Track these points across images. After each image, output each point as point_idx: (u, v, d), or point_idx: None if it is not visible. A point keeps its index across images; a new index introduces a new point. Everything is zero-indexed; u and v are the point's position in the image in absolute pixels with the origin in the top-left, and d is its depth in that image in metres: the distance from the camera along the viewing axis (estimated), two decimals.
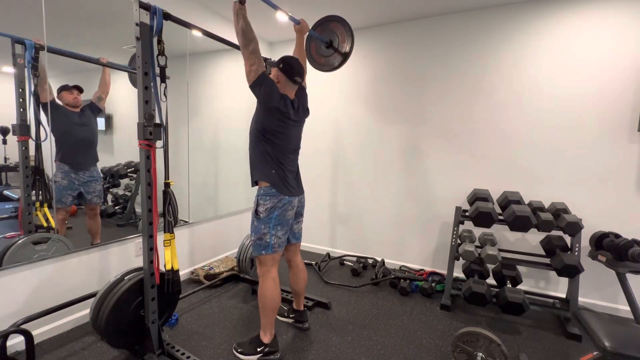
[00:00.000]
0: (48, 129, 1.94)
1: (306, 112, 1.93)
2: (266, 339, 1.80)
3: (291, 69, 1.77)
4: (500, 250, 2.41)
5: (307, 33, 2.08)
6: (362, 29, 3.17)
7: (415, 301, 2.56)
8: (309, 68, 2.21)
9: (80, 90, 2.19)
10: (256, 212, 1.76)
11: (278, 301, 1.81)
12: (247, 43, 1.61)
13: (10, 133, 1.90)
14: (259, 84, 1.64)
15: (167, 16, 1.62)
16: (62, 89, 2.11)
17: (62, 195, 2.14)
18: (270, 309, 1.78)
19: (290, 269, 2.07)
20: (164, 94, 1.69)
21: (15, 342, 1.76)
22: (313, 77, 3.45)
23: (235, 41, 2.26)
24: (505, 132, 2.68)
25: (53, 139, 1.99)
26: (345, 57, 2.25)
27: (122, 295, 1.62)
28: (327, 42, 2.26)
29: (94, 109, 2.29)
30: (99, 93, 2.31)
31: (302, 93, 1.92)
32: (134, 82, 2.43)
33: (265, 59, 2.47)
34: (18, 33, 1.80)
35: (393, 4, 2.68)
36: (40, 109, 1.92)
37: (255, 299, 1.84)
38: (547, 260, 2.33)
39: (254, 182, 1.82)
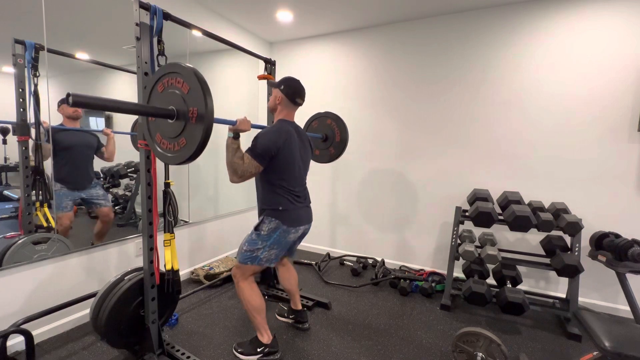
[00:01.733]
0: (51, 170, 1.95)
1: (310, 148, 1.92)
2: (264, 339, 1.80)
3: (292, 90, 1.75)
4: (500, 250, 2.41)
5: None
6: (362, 29, 3.17)
7: (415, 301, 2.56)
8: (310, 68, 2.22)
9: None
10: (257, 228, 1.72)
11: (259, 301, 1.78)
12: (236, 176, 1.59)
13: (10, 133, 1.90)
14: (267, 161, 1.62)
15: (167, 16, 1.62)
16: (63, 101, 2.10)
17: (66, 204, 2.14)
18: (254, 309, 1.76)
19: (279, 269, 2.09)
20: None
21: (15, 342, 1.76)
22: (313, 77, 3.46)
23: (235, 41, 2.28)
24: (505, 132, 2.68)
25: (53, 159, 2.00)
26: (338, 154, 2.49)
27: (122, 295, 1.62)
28: (323, 137, 2.48)
29: (98, 145, 2.31)
30: (104, 157, 2.33)
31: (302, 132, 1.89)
32: (134, 144, 2.46)
33: (267, 60, 2.48)
34: (18, 33, 1.80)
35: (393, 4, 2.68)
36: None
37: None
38: (547, 260, 2.34)
39: (261, 214, 1.76)
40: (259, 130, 1.78)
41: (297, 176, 1.77)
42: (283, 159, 1.67)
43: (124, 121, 2.47)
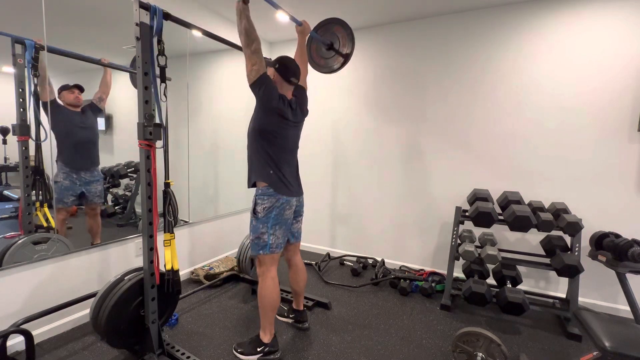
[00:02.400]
0: (48, 128, 1.94)
1: (305, 112, 1.93)
2: (266, 338, 1.80)
3: (286, 69, 1.77)
4: (500, 250, 2.41)
5: (309, 34, 2.08)
6: (363, 29, 3.17)
7: (415, 301, 2.56)
8: (310, 69, 2.22)
9: (81, 89, 2.19)
10: (254, 212, 1.76)
11: (277, 300, 1.81)
12: (250, 42, 1.61)
13: (10, 133, 1.90)
14: (260, 84, 1.65)
15: (167, 16, 1.62)
16: (63, 88, 2.11)
17: (64, 196, 2.14)
18: (270, 308, 1.78)
19: (290, 269, 2.07)
20: (164, 94, 1.69)
21: (15, 342, 1.76)
22: (313, 77, 3.45)
23: (235, 41, 2.28)
24: (505, 132, 2.68)
25: (54, 139, 1.99)
26: (345, 59, 2.26)
27: (122, 295, 1.62)
28: (329, 44, 2.27)
29: (95, 109, 2.29)
30: (100, 93, 2.31)
31: (302, 94, 1.92)
32: (135, 82, 2.43)
33: (265, 59, 2.47)
34: (18, 33, 1.81)
35: (393, 4, 2.68)
36: (41, 109, 1.92)
37: (255, 299, 1.84)
38: (547, 260, 2.33)
39: (252, 184, 1.82)
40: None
41: (287, 149, 1.81)
42: (274, 123, 1.71)
43: (124, 121, 2.47)
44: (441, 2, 2.61)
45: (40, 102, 1.91)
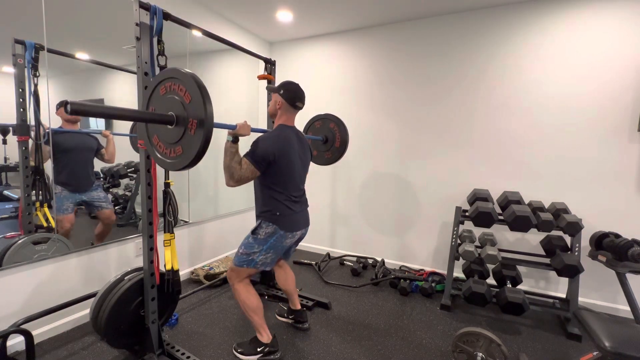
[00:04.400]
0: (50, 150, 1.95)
1: (309, 151, 1.92)
2: (264, 339, 1.80)
3: (292, 94, 1.75)
4: (500, 250, 2.41)
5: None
6: (362, 29, 3.17)
7: (415, 301, 2.56)
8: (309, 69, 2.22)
9: None
10: (255, 232, 1.73)
11: (256, 302, 1.78)
12: (230, 177, 1.58)
13: (10, 133, 1.90)
14: (265, 166, 1.62)
15: (167, 16, 1.62)
16: (61, 104, 2.10)
17: (67, 206, 2.14)
18: (251, 310, 1.76)
19: (277, 270, 2.09)
20: None
21: (15, 342, 1.76)
22: (313, 76, 3.46)
23: (236, 41, 2.28)
24: (505, 132, 2.68)
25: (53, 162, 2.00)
26: (332, 157, 2.52)
27: (122, 295, 1.62)
28: (323, 139, 2.50)
29: (98, 147, 2.31)
30: (105, 158, 2.33)
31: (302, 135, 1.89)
32: (134, 146, 2.48)
33: (266, 60, 2.48)
34: (18, 33, 1.80)
35: (392, 4, 2.68)
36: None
37: None
38: (547, 260, 2.33)
39: (259, 217, 1.77)
40: (259, 134, 1.77)
41: (295, 182, 1.77)
42: (281, 165, 1.67)
43: (124, 122, 2.46)
44: (441, 2, 2.61)
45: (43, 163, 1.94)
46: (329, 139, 2.49)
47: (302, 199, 1.85)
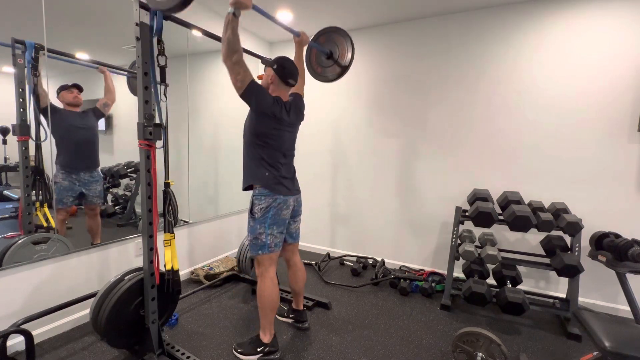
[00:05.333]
0: (48, 131, 1.94)
1: (301, 117, 1.92)
2: (266, 338, 1.80)
3: (285, 70, 1.77)
4: (500, 250, 2.41)
5: (307, 45, 2.06)
6: (362, 29, 3.17)
7: (415, 301, 2.56)
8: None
9: (80, 89, 2.19)
10: (251, 212, 1.77)
11: (277, 300, 1.82)
12: (231, 54, 1.55)
13: (10, 133, 1.90)
14: (249, 93, 1.63)
15: (167, 16, 1.62)
16: (62, 88, 2.11)
17: (63, 196, 2.14)
18: (269, 308, 1.78)
19: (289, 269, 2.08)
20: (164, 94, 1.69)
21: (15, 342, 1.76)
22: (313, 78, 3.45)
23: None
24: (505, 132, 2.68)
25: (53, 141, 1.99)
26: (342, 70, 2.29)
27: (122, 295, 1.62)
28: (328, 53, 2.29)
29: (98, 113, 2.29)
30: (105, 100, 2.30)
31: (298, 99, 1.92)
32: (132, 89, 2.44)
33: (263, 58, 2.47)
34: (18, 33, 1.80)
35: (393, 4, 2.68)
36: (40, 114, 1.91)
37: (255, 299, 1.84)
38: (547, 260, 2.33)
39: (246, 187, 1.82)
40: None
41: (282, 147, 1.81)
42: (267, 126, 1.70)
43: (125, 121, 2.47)
44: (441, 2, 2.61)
45: (40, 107, 1.91)
46: (334, 52, 2.31)
47: (290, 168, 1.89)
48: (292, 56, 1.99)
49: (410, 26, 2.97)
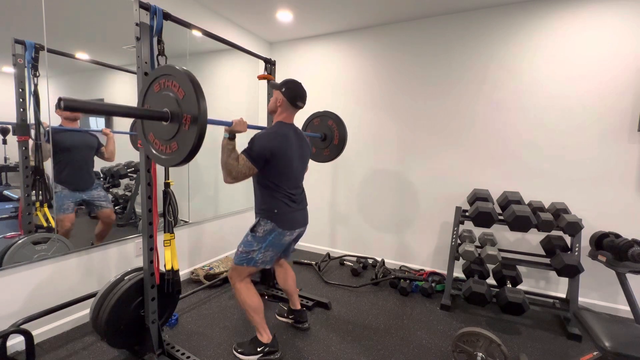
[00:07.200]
0: (50, 150, 1.95)
1: (309, 149, 1.92)
2: (264, 339, 1.80)
3: (293, 93, 1.74)
4: (500, 250, 2.41)
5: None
6: (363, 29, 3.17)
7: (415, 301, 2.56)
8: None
9: None
10: (253, 230, 1.73)
11: (257, 302, 1.79)
12: (228, 174, 1.58)
13: (10, 133, 1.90)
14: (262, 162, 1.62)
15: (167, 16, 1.62)
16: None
17: (67, 205, 2.14)
18: (252, 309, 1.77)
19: (276, 269, 2.09)
20: None
21: (15, 342, 1.76)
22: (313, 77, 3.46)
23: (236, 41, 2.28)
24: (505, 132, 2.68)
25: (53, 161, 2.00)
26: (331, 154, 2.49)
27: (122, 295, 1.62)
28: (322, 137, 2.48)
29: (98, 146, 2.30)
30: (105, 157, 2.32)
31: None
32: (134, 144, 2.48)
33: (266, 60, 2.48)
34: (18, 33, 1.80)
35: (393, 4, 2.68)
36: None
37: None
38: (547, 260, 2.34)
39: (257, 217, 1.77)
40: (257, 131, 1.77)
41: (293, 179, 1.77)
42: (279, 163, 1.67)
43: (124, 121, 2.46)
44: (441, 2, 2.61)
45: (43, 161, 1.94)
46: (328, 136, 2.47)
47: (300, 197, 1.85)
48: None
49: (410, 26, 2.97)
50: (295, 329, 2.12)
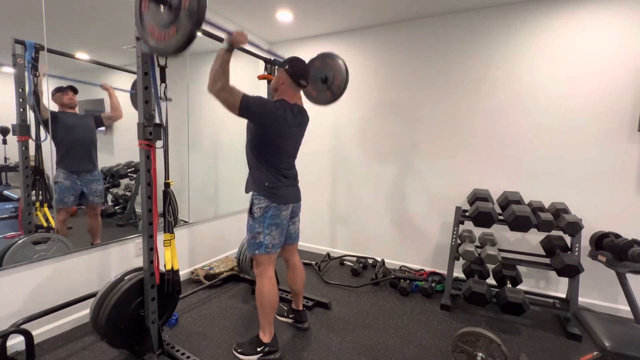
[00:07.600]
0: (49, 135, 1.94)
1: (305, 121, 1.91)
2: (266, 338, 1.80)
3: (297, 70, 1.75)
4: (500, 250, 2.41)
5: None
6: (363, 29, 3.17)
7: (415, 301, 2.56)
8: None
9: (75, 91, 2.19)
10: (251, 211, 1.77)
11: (276, 300, 1.82)
12: (213, 84, 1.52)
13: (10, 133, 1.90)
14: (245, 110, 1.58)
15: None
16: (57, 90, 2.11)
17: (64, 196, 2.14)
18: (268, 308, 1.78)
19: (288, 269, 2.08)
20: (164, 94, 1.69)
21: (15, 342, 1.76)
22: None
23: None
24: (505, 132, 2.68)
25: (54, 143, 1.99)
26: (334, 96, 2.34)
27: (122, 295, 1.62)
28: (323, 78, 2.35)
29: (98, 120, 2.30)
30: (110, 115, 2.31)
31: (303, 110, 1.89)
32: (135, 104, 2.43)
33: (267, 60, 2.47)
34: (18, 33, 1.80)
35: (393, 4, 2.68)
36: (41, 125, 1.92)
37: (255, 299, 1.84)
38: (547, 260, 2.33)
39: (249, 191, 1.82)
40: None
41: (285, 155, 1.80)
42: (271, 134, 1.68)
43: (124, 121, 2.46)
44: (441, 2, 2.61)
45: (41, 119, 1.91)
46: (329, 77, 2.35)
47: (292, 173, 1.87)
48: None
49: (410, 26, 2.96)
50: (295, 329, 2.12)
